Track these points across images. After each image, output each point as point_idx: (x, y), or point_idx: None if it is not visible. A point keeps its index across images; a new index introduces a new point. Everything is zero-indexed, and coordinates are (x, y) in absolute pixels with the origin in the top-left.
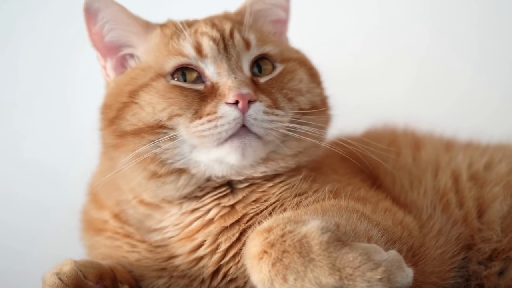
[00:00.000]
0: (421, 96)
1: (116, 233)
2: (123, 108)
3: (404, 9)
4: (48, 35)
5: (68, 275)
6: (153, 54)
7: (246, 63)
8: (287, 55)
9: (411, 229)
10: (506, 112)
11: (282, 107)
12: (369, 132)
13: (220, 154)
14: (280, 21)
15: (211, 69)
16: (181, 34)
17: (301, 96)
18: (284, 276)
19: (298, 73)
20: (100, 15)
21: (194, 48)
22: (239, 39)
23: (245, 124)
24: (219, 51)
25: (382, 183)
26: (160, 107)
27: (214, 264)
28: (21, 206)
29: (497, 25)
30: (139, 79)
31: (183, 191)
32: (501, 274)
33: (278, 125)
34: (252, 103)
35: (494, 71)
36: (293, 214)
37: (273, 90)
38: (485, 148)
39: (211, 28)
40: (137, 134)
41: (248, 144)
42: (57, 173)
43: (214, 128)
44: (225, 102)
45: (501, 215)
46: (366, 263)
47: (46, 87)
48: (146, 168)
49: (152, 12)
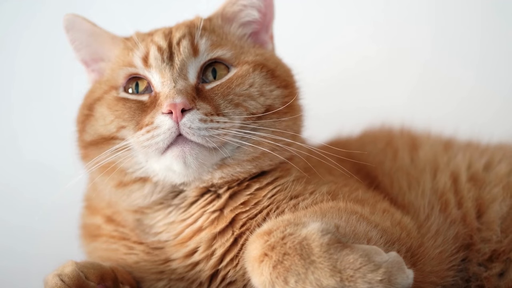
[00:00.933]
0: (423, 100)
1: (111, 237)
2: (84, 121)
3: (407, 14)
4: (48, 35)
5: (70, 276)
6: (112, 67)
7: (193, 70)
8: (243, 58)
9: (410, 230)
10: (507, 115)
11: (226, 113)
12: (365, 133)
13: (166, 163)
14: (254, 22)
15: (157, 78)
16: (136, 46)
17: (251, 101)
18: (285, 278)
19: (249, 77)
20: (72, 34)
21: (142, 58)
22: (185, 46)
23: (181, 133)
24: (163, 60)
25: (380, 184)
26: (108, 119)
27: (211, 268)
28: (20, 205)
29: (499, 29)
30: (96, 92)
31: (151, 199)
32: (501, 275)
33: (221, 131)
34: (187, 112)
35: (496, 75)
36: (293, 217)
37: (216, 96)
38: (485, 148)
39: (163, 37)
40: (96, 144)
41: (188, 152)
42: (56, 173)
43: (152, 138)
44: (161, 112)
45: (501, 215)
46: (366, 264)
47: (46, 87)
48: (112, 177)
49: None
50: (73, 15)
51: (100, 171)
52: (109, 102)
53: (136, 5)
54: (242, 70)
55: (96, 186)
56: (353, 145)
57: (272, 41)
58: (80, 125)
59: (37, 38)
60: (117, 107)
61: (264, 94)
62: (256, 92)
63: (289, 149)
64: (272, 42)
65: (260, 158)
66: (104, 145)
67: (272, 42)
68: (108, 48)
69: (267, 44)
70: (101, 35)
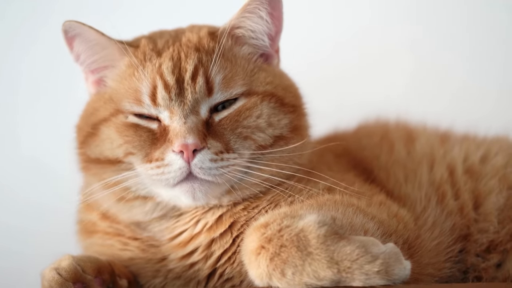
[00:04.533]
0: (417, 93)
1: (106, 233)
2: (87, 137)
3: (400, 7)
4: (49, 32)
5: (67, 269)
6: (118, 84)
7: (205, 107)
8: (253, 89)
9: (406, 222)
10: (501, 107)
11: (236, 148)
12: (361, 127)
13: (174, 194)
14: (264, 45)
15: (166, 114)
16: (142, 71)
17: (260, 133)
18: (282, 270)
19: (257, 108)
20: (77, 41)
21: (150, 95)
22: (201, 86)
23: (191, 172)
24: (171, 99)
25: (376, 177)
26: (116, 143)
27: (209, 267)
28: (19, 205)
29: (491, 22)
30: (101, 112)
31: (152, 216)
32: (499, 266)
33: (230, 168)
34: (198, 152)
35: (490, 67)
36: (289, 209)
37: (226, 131)
38: (482, 141)
39: (171, 69)
40: (99, 163)
41: (197, 189)
42: (55, 172)
43: (162, 174)
44: (172, 150)
45: (498, 207)
46: (363, 255)
47: (46, 85)
48: (114, 192)
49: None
50: (74, 21)
51: (103, 188)
52: (118, 126)
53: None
54: (251, 102)
55: (93, 192)
56: (349, 139)
57: (278, 55)
58: (82, 138)
59: (38, 36)
60: (126, 132)
61: (272, 124)
62: (264, 123)
63: (297, 165)
64: (278, 55)
65: (268, 180)
66: (109, 166)
67: (278, 56)
68: (114, 59)
69: (273, 59)
70: (109, 44)
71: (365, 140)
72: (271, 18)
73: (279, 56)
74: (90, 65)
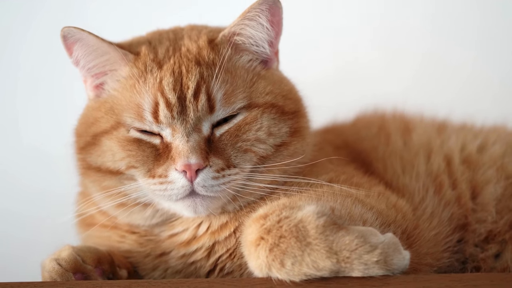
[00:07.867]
0: (423, 87)
1: (103, 226)
2: (88, 145)
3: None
4: (50, 22)
5: (67, 260)
6: (118, 94)
7: (207, 124)
8: (254, 101)
9: (405, 212)
10: (504, 100)
11: (237, 163)
12: (358, 118)
13: (176, 207)
14: (265, 52)
15: (167, 131)
16: (143, 85)
17: (260, 144)
18: (281, 261)
19: (257, 122)
20: (76, 47)
21: (151, 112)
22: (203, 103)
23: (194, 189)
24: (173, 117)
25: (375, 169)
26: (119, 156)
27: (210, 265)
28: (21, 193)
29: (497, 18)
30: (102, 123)
31: (151, 221)
32: (497, 256)
33: (232, 183)
34: (201, 171)
35: (495, 61)
36: (288, 201)
37: (227, 146)
38: (479, 130)
39: (173, 84)
40: (100, 172)
41: (199, 203)
42: (57, 160)
43: (165, 190)
44: (175, 168)
45: (495, 197)
46: (362, 245)
47: (47, 74)
48: (113, 199)
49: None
50: (73, 27)
51: (103, 195)
52: (120, 140)
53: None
54: (251, 116)
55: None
56: (348, 131)
57: (277, 57)
58: (82, 144)
59: (38, 25)
60: (129, 147)
61: (273, 134)
62: (264, 135)
63: (300, 164)
64: (277, 57)
65: (272, 183)
66: (109, 176)
67: (277, 58)
68: (115, 65)
69: (273, 63)
70: (110, 49)
71: (364, 131)
72: (271, 24)
73: (279, 58)
74: (90, 70)
